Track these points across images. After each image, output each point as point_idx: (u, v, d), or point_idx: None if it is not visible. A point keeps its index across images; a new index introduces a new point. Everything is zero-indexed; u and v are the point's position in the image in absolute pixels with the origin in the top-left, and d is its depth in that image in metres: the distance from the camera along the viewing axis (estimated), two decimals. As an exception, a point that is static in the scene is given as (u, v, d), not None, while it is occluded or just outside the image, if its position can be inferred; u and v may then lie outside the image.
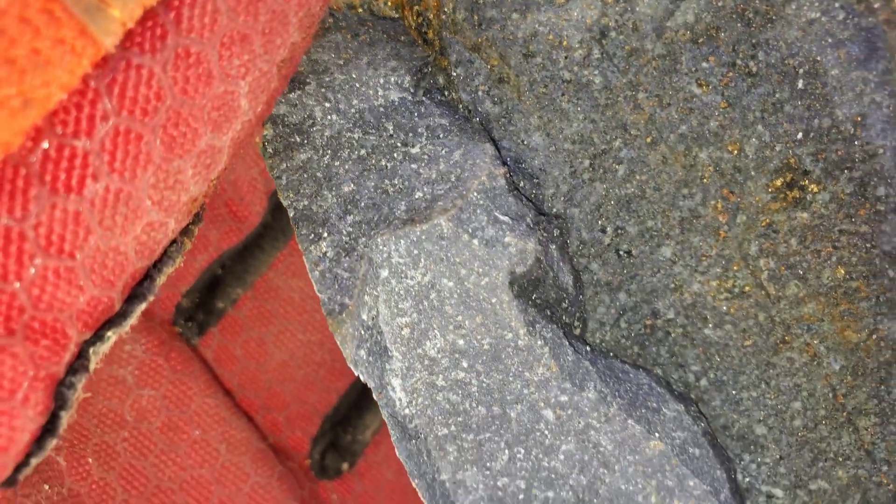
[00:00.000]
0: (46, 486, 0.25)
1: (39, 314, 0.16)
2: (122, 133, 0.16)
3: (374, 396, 0.22)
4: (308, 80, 0.22)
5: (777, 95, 0.23)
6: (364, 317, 0.22)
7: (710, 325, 0.25)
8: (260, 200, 0.30)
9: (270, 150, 0.23)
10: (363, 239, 0.22)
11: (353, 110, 0.23)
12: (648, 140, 0.24)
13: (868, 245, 0.24)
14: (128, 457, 0.28)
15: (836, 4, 0.22)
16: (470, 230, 0.22)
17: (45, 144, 0.15)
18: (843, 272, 0.24)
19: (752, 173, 0.24)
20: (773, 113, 0.23)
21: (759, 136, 0.23)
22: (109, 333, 0.19)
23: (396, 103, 0.23)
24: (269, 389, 0.32)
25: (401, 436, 0.22)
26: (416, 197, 0.22)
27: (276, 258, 0.31)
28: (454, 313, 0.22)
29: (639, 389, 0.24)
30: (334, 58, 0.23)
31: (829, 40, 0.22)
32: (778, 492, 0.25)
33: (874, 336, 0.24)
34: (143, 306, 0.20)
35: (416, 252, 0.21)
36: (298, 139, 0.22)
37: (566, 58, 0.23)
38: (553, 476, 0.23)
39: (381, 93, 0.23)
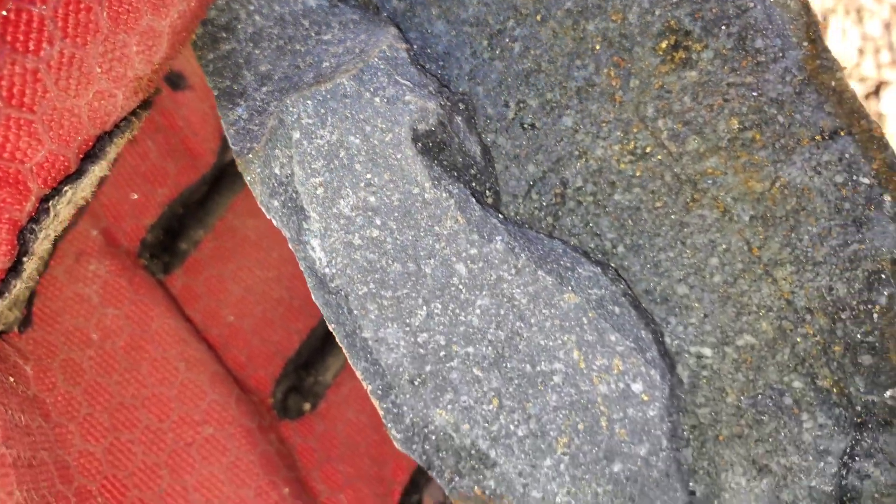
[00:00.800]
0: (12, 379, 0.26)
1: (3, 163, 0.17)
2: (73, 2, 0.18)
3: (290, 247, 0.23)
4: None
5: None
6: (277, 171, 0.23)
7: (619, 190, 0.25)
8: (213, 137, 0.32)
9: (199, 45, 0.25)
10: (274, 102, 0.23)
11: (274, 13, 0.25)
12: (538, 18, 0.25)
13: (755, 94, 0.24)
14: (93, 374, 0.29)
15: None
16: (371, 89, 0.23)
17: (5, 12, 0.17)
18: (736, 123, 0.25)
19: (638, 39, 0.25)
20: None
21: (639, 3, 0.24)
22: (67, 188, 0.21)
23: (314, 7, 0.25)
24: (230, 326, 0.33)
25: (317, 285, 0.23)
26: (324, 66, 0.24)
27: (233, 200, 0.33)
28: (363, 171, 0.23)
29: (552, 251, 0.25)
30: None
31: None
32: (706, 350, 0.25)
33: (777, 184, 0.25)
34: (97, 167, 0.22)
35: (322, 111, 0.23)
36: (224, 35, 0.24)
37: None
38: (471, 331, 0.23)
39: (299, 0, 0.25)
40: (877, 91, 0.95)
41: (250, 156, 0.23)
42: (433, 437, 0.23)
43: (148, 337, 0.30)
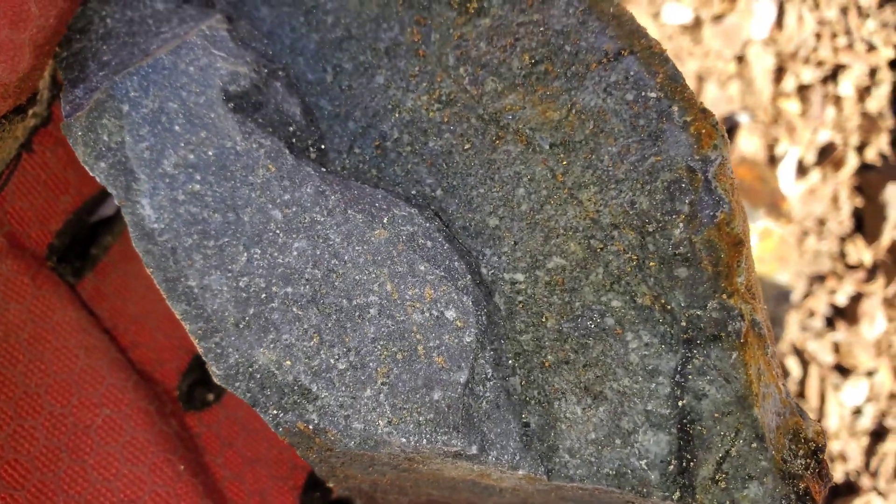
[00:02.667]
0: None
1: None
2: None
3: (116, 202, 0.25)
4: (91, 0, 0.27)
5: None
6: (105, 138, 0.25)
7: (432, 137, 0.27)
8: None
9: (57, 49, 0.27)
10: (106, 82, 0.25)
11: (126, 17, 0.27)
12: None
13: (542, 29, 0.25)
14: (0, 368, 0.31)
15: None
16: (187, 60, 0.25)
17: None
18: (528, 58, 0.26)
19: None
20: None
21: None
22: None
23: (161, 10, 0.27)
24: (136, 322, 0.35)
25: (141, 236, 0.25)
26: (151, 48, 0.26)
27: None
28: (182, 132, 0.25)
29: (370, 195, 0.26)
30: None
31: None
32: (519, 276, 0.26)
33: (573, 110, 0.25)
34: None
35: (145, 84, 0.25)
36: (78, 36, 0.27)
37: None
38: (289, 272, 0.25)
39: (149, 4, 0.27)
40: (834, 75, 0.96)
41: (72, 120, 0.25)
42: (257, 376, 0.24)
43: (49, 328, 0.31)
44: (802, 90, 0.94)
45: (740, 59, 0.93)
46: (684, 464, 0.24)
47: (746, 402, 0.24)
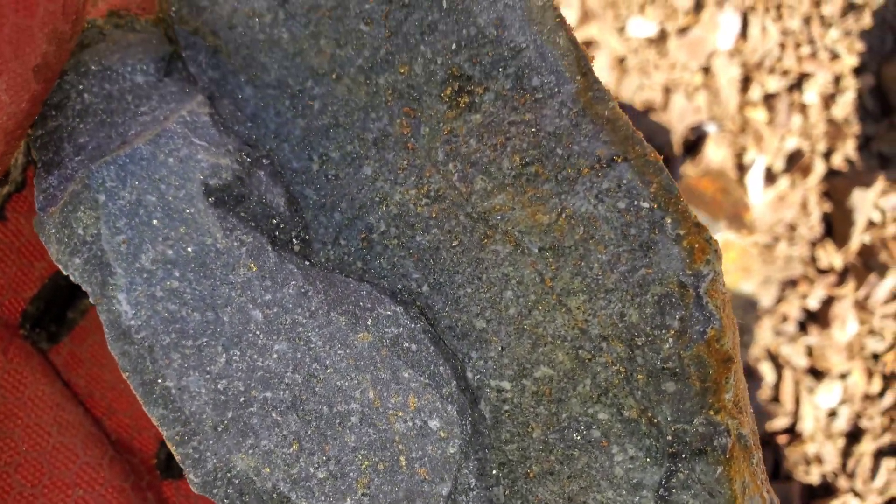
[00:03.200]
0: None
1: None
2: None
3: (91, 300, 0.24)
4: (68, 72, 0.26)
5: (429, 17, 0.25)
6: (80, 231, 0.24)
7: (420, 232, 0.26)
8: None
9: (30, 129, 0.27)
10: (82, 170, 0.24)
11: (103, 92, 0.26)
12: (333, 76, 0.26)
13: (534, 130, 0.25)
14: None
15: None
16: (166, 151, 0.25)
17: None
18: (518, 159, 0.25)
19: (425, 88, 0.26)
20: (430, 33, 0.25)
21: (422, 55, 0.25)
22: None
23: (140, 83, 0.27)
24: (113, 389, 0.33)
25: (117, 337, 0.24)
26: (130, 134, 0.25)
27: None
28: (161, 226, 0.24)
29: (353, 293, 0.25)
30: (93, 57, 0.27)
31: None
32: (506, 384, 0.25)
33: (563, 215, 0.24)
34: None
35: (123, 174, 0.24)
36: (54, 113, 0.26)
37: (259, 22, 0.27)
38: (268, 375, 0.24)
39: (128, 77, 0.26)
40: (799, 84, 0.97)
41: (45, 216, 0.24)
42: (236, 482, 0.24)
43: (20, 404, 0.30)
44: (768, 99, 0.96)
45: (706, 70, 0.94)
46: None
47: None
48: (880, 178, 0.96)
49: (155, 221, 0.24)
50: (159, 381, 0.24)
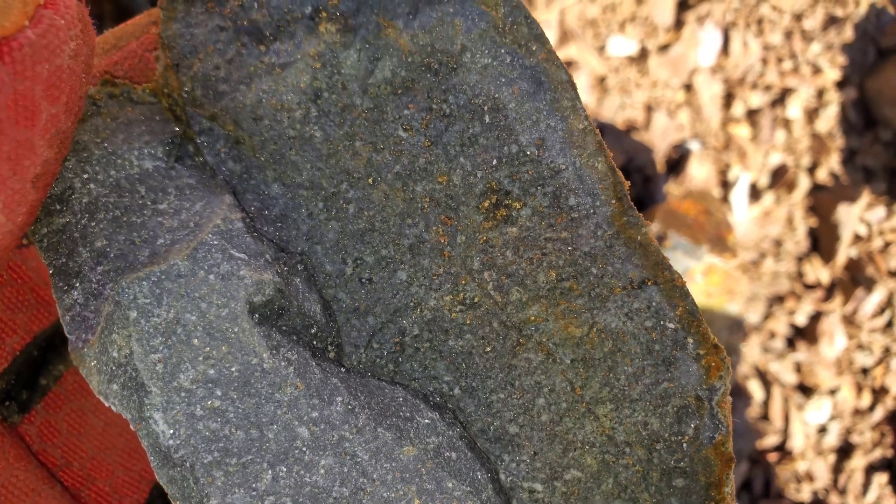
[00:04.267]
0: None
1: None
2: None
3: (132, 427, 0.23)
4: (69, 158, 0.25)
5: (471, 130, 0.26)
6: (115, 354, 0.23)
7: (453, 337, 0.27)
8: None
9: (34, 225, 0.25)
10: (110, 284, 0.23)
11: (110, 179, 0.25)
12: (370, 180, 0.26)
13: (570, 248, 0.26)
14: None
15: (502, 50, 0.25)
16: (206, 267, 0.23)
17: None
18: (554, 274, 0.26)
19: (463, 199, 0.26)
20: (470, 145, 0.26)
21: (462, 167, 0.26)
22: None
23: (150, 170, 0.25)
24: (93, 459, 0.32)
25: (162, 462, 0.23)
26: (158, 244, 0.24)
27: None
28: (201, 345, 0.23)
29: (392, 402, 0.26)
30: (93, 137, 0.25)
31: (503, 80, 0.25)
32: (538, 486, 0.26)
33: (594, 329, 0.26)
34: None
35: (158, 291, 0.23)
36: (58, 207, 0.24)
37: (289, 117, 0.26)
38: (316, 490, 0.24)
39: (135, 162, 0.25)
40: (782, 99, 0.97)
41: (85, 349, 0.23)
42: None
43: None
44: (752, 115, 0.96)
45: (688, 87, 0.94)
46: None
47: None
48: (865, 191, 0.96)
49: (195, 341, 0.23)
50: (204, 500, 0.23)
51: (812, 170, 0.97)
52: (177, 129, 0.27)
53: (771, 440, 0.91)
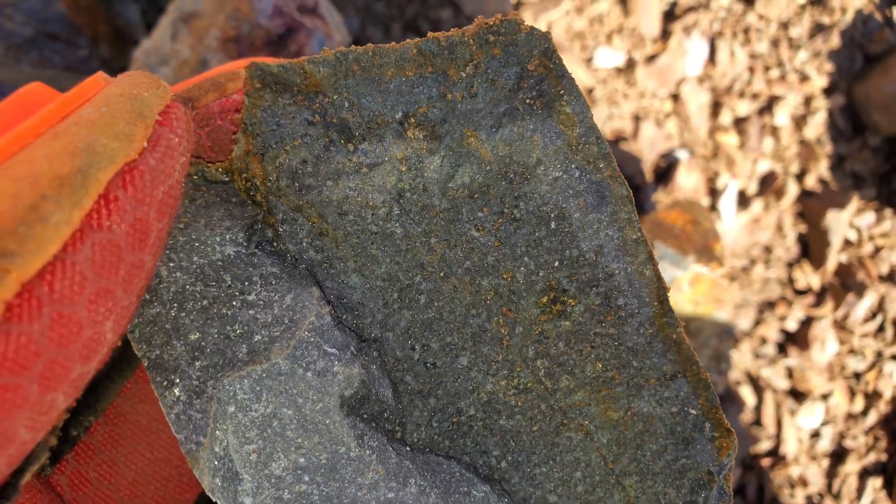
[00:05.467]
0: None
1: None
2: (2, 388, 0.19)
3: None
4: None
5: (537, 234, 0.28)
6: (217, 449, 0.24)
7: (504, 417, 0.29)
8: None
9: None
10: (211, 381, 0.24)
11: (194, 266, 0.26)
12: (442, 274, 0.29)
13: (616, 343, 0.29)
14: None
15: (573, 166, 0.28)
16: (304, 364, 0.25)
17: None
18: (600, 366, 0.29)
19: (524, 294, 0.29)
20: (535, 247, 0.28)
21: (526, 266, 0.28)
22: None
23: (232, 256, 0.26)
24: None
25: None
26: (255, 340, 0.25)
27: (123, 386, 0.33)
28: (294, 436, 0.25)
29: (451, 477, 0.28)
30: (176, 223, 0.26)
31: (570, 192, 0.28)
32: None
33: (629, 413, 0.29)
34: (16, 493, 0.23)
35: (258, 388, 0.24)
36: (148, 297, 0.25)
37: (373, 214, 0.28)
38: None
39: (218, 248, 0.26)
40: (770, 106, 0.98)
41: (199, 452, 0.24)
42: None
43: None
44: (739, 123, 0.97)
45: (675, 97, 0.95)
46: None
47: None
48: (854, 197, 0.97)
49: (289, 433, 0.25)
50: None
51: (801, 176, 0.98)
52: (255, 213, 0.28)
53: (764, 445, 0.92)
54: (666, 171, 0.93)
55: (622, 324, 0.29)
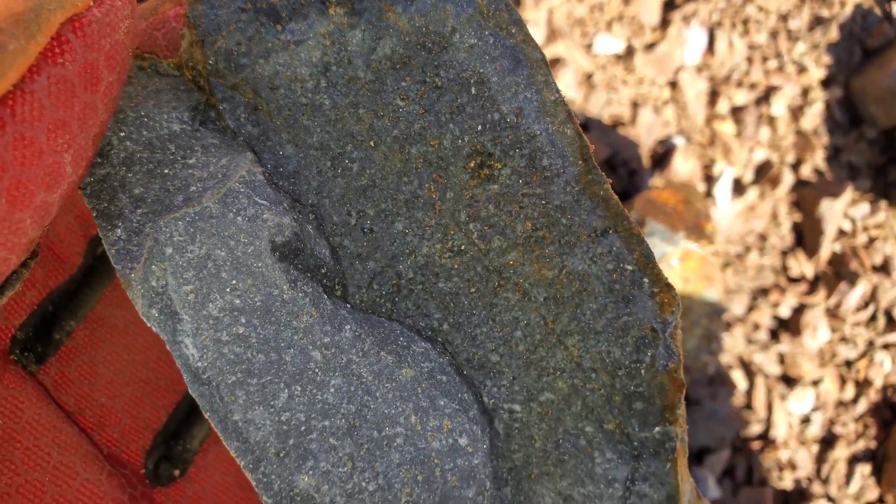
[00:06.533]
0: None
1: None
2: None
3: (168, 347, 0.26)
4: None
5: (459, 100, 0.29)
6: (154, 284, 0.26)
7: (442, 279, 0.30)
8: (78, 242, 0.35)
9: None
10: (149, 224, 0.26)
11: (143, 138, 0.28)
12: (371, 143, 0.30)
13: (544, 202, 0.29)
14: None
15: (486, 32, 0.29)
16: (234, 210, 0.27)
17: None
18: (530, 225, 0.30)
19: (452, 160, 0.30)
20: (458, 113, 0.29)
21: (451, 132, 0.29)
22: None
23: (178, 132, 0.29)
24: (102, 407, 0.35)
25: (192, 379, 0.26)
26: (191, 190, 0.27)
27: (102, 294, 0.36)
28: (229, 278, 0.26)
29: (391, 333, 0.29)
30: (128, 103, 0.29)
31: (487, 57, 0.29)
32: (516, 407, 0.30)
33: (564, 271, 0.30)
34: None
35: (192, 230, 0.26)
36: (99, 160, 0.28)
37: (301, 87, 0.30)
38: (326, 407, 0.27)
39: (165, 125, 0.29)
40: (767, 97, 0.99)
41: (132, 276, 0.26)
42: (298, 499, 0.27)
43: (20, 428, 0.31)
44: (736, 112, 0.98)
45: (673, 84, 0.96)
46: None
47: (674, 499, 0.30)
48: (849, 188, 0.98)
49: (224, 274, 0.26)
50: (228, 415, 0.26)
51: (796, 166, 0.99)
52: (200, 97, 0.30)
53: (754, 429, 0.93)
54: (663, 156, 0.94)
55: (548, 183, 0.29)
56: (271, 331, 0.27)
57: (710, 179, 0.96)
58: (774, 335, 0.96)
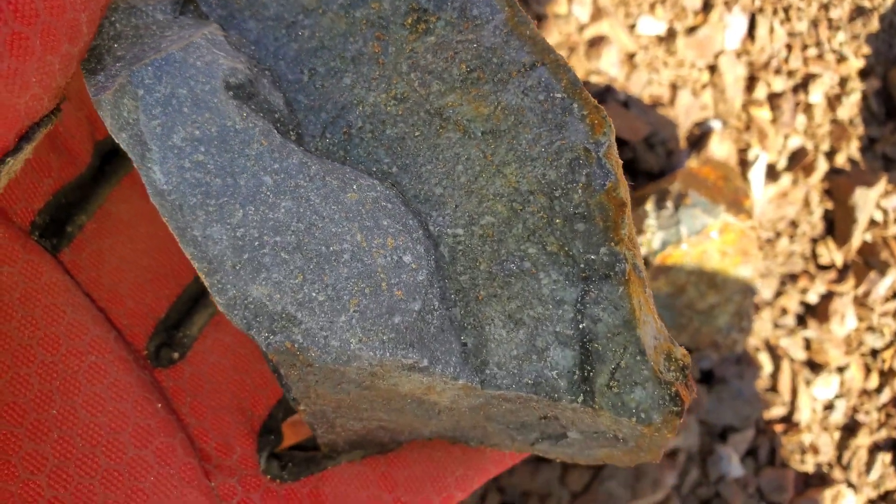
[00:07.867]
0: None
1: None
2: (16, 34, 0.26)
3: (135, 166, 0.29)
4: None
5: None
6: (125, 114, 0.29)
7: (389, 126, 0.33)
8: (87, 140, 0.38)
9: None
10: (125, 71, 0.29)
11: (131, 24, 0.31)
12: (320, 11, 0.33)
13: (476, 46, 0.32)
14: None
15: None
16: (195, 56, 0.30)
17: None
18: (464, 67, 0.32)
19: (392, 18, 0.33)
20: None
21: None
22: (9, 159, 0.28)
23: (161, 20, 0.32)
24: (109, 291, 0.38)
25: (159, 202, 0.29)
26: (162, 47, 0.30)
27: (110, 192, 0.39)
28: (189, 112, 0.29)
29: (342, 170, 0.32)
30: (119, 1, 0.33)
31: None
32: (459, 231, 0.32)
33: (499, 107, 0.32)
34: (29, 146, 0.29)
35: (159, 73, 0.29)
36: (95, 41, 0.31)
37: None
38: (278, 224, 0.30)
39: (150, 14, 0.32)
40: (805, 84, 1.00)
41: (102, 97, 0.29)
42: (252, 306, 0.29)
43: (39, 288, 0.35)
44: (774, 98, 0.98)
45: (713, 68, 0.97)
46: (586, 374, 0.30)
47: (631, 325, 0.30)
48: (883, 178, 0.98)
49: (185, 109, 0.29)
50: (188, 229, 0.29)
51: (831, 155, 1.00)
52: None
53: (778, 411, 0.94)
54: (699, 138, 0.95)
55: (479, 29, 0.32)
56: (226, 158, 0.29)
57: (744, 164, 0.96)
58: (801, 321, 0.97)
